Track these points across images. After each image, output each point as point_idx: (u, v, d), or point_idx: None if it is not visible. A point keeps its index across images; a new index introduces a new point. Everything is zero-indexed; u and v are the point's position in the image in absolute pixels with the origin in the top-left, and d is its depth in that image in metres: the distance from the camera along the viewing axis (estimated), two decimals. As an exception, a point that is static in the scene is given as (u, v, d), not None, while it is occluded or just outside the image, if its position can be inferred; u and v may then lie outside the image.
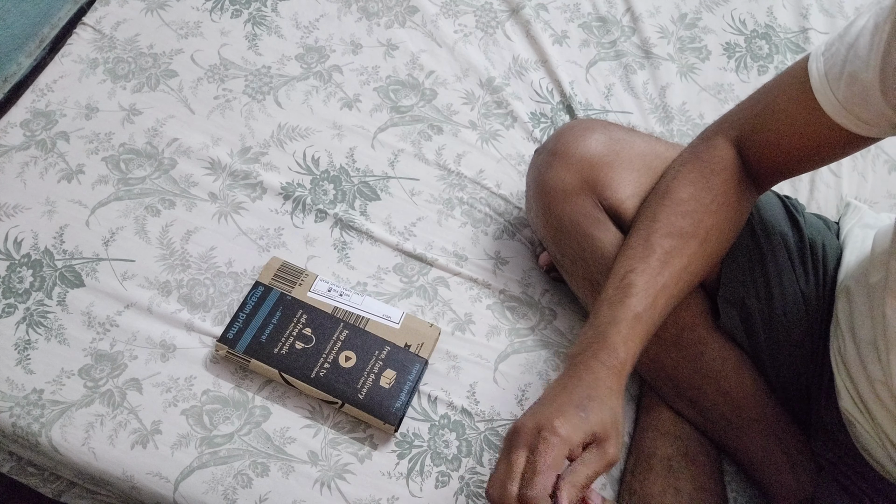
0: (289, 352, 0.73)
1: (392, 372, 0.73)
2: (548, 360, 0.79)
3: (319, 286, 0.78)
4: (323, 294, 0.77)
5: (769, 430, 0.69)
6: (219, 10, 0.97)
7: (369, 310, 0.77)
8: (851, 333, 0.60)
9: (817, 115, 0.54)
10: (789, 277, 0.67)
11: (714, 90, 0.97)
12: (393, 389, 0.72)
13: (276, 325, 0.75)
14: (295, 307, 0.76)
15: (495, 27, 0.99)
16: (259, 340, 0.74)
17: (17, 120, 0.87)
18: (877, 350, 0.56)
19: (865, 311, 0.58)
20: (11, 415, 0.72)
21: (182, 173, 0.85)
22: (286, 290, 0.77)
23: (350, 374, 0.73)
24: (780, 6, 1.03)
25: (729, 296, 0.67)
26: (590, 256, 0.68)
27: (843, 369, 0.61)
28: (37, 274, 0.79)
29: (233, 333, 0.74)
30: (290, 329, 0.75)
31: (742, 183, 0.61)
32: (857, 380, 0.59)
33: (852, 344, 0.59)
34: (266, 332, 0.74)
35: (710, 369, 0.68)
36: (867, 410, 0.58)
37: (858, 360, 0.58)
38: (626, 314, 0.56)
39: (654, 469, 0.69)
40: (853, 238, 0.69)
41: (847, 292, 0.62)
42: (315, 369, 0.73)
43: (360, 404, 0.72)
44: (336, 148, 0.89)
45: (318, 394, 0.72)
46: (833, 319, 0.65)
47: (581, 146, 0.67)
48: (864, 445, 0.60)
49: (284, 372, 0.73)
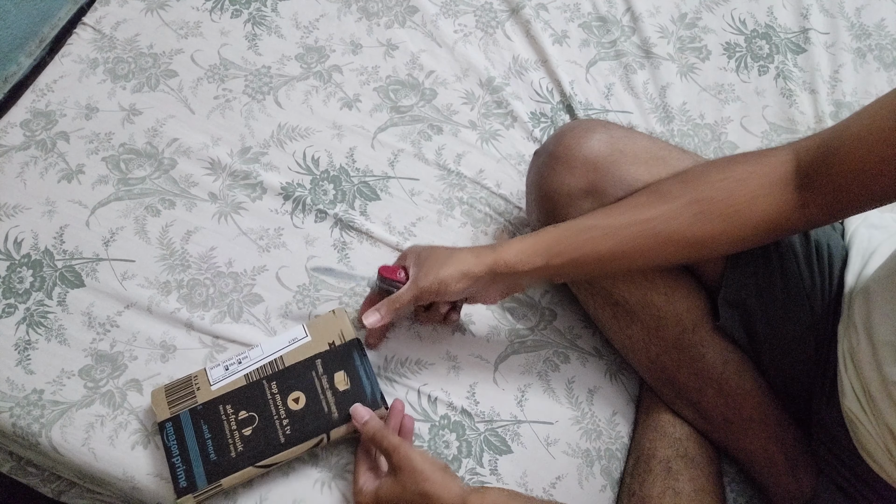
0: (244, 444, 0.67)
1: (341, 373, 0.71)
2: (548, 361, 0.79)
3: (216, 373, 0.71)
4: (225, 377, 0.71)
5: (769, 431, 0.69)
6: (219, 10, 0.97)
7: (275, 349, 0.73)
8: (868, 334, 0.59)
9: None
10: (794, 278, 0.66)
11: (714, 90, 0.97)
12: (354, 385, 0.70)
13: (212, 437, 0.67)
14: (212, 408, 0.69)
15: (495, 27, 0.99)
16: (210, 461, 0.66)
17: (17, 120, 0.87)
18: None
19: (887, 313, 0.58)
20: (11, 415, 0.72)
21: (182, 173, 0.85)
22: (191, 405, 0.69)
23: (311, 409, 0.69)
24: (780, 6, 1.03)
25: (730, 297, 0.67)
26: (591, 259, 0.68)
27: (853, 370, 0.60)
28: (37, 274, 0.79)
29: (184, 479, 0.66)
30: (227, 427, 0.68)
31: (776, 191, 0.57)
32: (868, 381, 0.58)
33: (868, 344, 0.58)
34: (209, 449, 0.67)
35: (711, 371, 0.68)
36: (875, 412, 0.58)
37: (874, 360, 0.57)
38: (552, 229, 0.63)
39: (654, 470, 0.69)
40: (859, 238, 0.68)
41: (866, 293, 0.61)
42: (279, 434, 0.68)
43: (340, 421, 0.69)
44: (336, 148, 0.89)
45: (301, 449, 0.68)
46: (843, 319, 0.64)
47: (584, 148, 0.65)
48: (865, 447, 0.60)
49: (257, 462, 0.67)
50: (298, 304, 0.79)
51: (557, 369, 0.78)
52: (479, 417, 0.75)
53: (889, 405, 0.56)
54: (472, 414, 0.75)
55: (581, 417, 0.77)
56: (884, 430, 0.56)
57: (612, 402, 0.78)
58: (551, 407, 0.77)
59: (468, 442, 0.74)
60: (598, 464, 0.75)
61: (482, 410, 0.76)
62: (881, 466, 0.59)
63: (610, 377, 0.79)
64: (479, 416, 0.75)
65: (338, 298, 0.80)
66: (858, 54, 1.01)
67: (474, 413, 0.75)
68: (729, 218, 0.58)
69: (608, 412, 0.77)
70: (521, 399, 0.77)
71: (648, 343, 0.70)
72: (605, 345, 0.80)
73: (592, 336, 0.81)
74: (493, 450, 0.74)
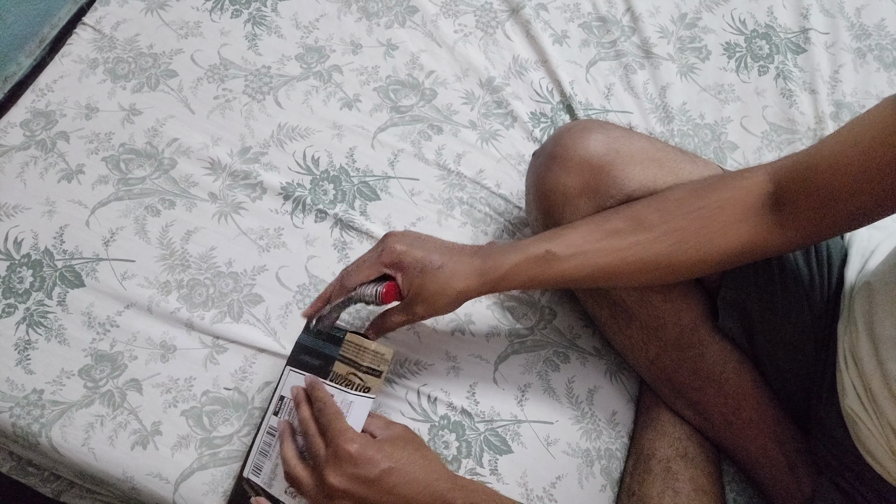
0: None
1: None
2: (548, 360, 0.79)
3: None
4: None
5: (769, 431, 0.69)
6: (219, 10, 0.97)
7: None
8: (869, 331, 0.59)
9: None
10: (793, 278, 0.66)
11: (714, 90, 0.97)
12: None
13: None
14: None
15: (495, 27, 0.99)
16: None
17: (17, 120, 0.87)
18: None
19: (889, 309, 0.58)
20: (11, 415, 0.72)
21: (182, 173, 0.85)
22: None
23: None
24: (780, 6, 1.03)
25: (729, 297, 0.67)
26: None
27: (854, 367, 0.60)
28: (37, 274, 0.79)
29: None
30: None
31: (751, 215, 0.57)
32: (869, 378, 0.58)
33: (869, 341, 0.58)
34: None
35: (711, 371, 0.68)
36: (876, 409, 0.58)
37: (875, 357, 0.57)
38: (537, 249, 0.61)
39: (653, 470, 0.69)
40: (859, 238, 0.69)
41: (868, 290, 0.61)
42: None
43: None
44: (336, 148, 0.89)
45: None
46: (843, 317, 0.64)
47: (580, 148, 0.66)
48: (865, 445, 0.60)
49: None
50: (299, 305, 0.79)
51: (557, 369, 0.78)
52: (479, 417, 0.75)
53: (891, 401, 0.56)
54: (472, 414, 0.75)
55: (581, 417, 0.77)
56: (886, 427, 0.56)
57: (612, 401, 0.78)
58: (551, 407, 0.77)
59: (468, 442, 0.74)
60: (598, 463, 0.75)
61: (482, 410, 0.76)
62: (882, 465, 0.58)
63: (610, 377, 0.79)
64: (479, 415, 0.75)
65: (338, 298, 0.80)
66: (858, 54, 1.01)
67: (474, 413, 0.75)
68: (705, 246, 0.59)
69: (608, 412, 0.77)
70: (521, 399, 0.77)
71: (648, 343, 0.70)
72: (604, 345, 0.80)
73: (592, 336, 0.81)
74: (493, 450, 0.74)
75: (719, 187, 0.59)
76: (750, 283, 0.67)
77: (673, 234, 0.59)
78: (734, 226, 0.58)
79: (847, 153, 0.52)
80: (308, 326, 0.69)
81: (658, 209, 0.60)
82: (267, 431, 0.67)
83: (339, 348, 0.65)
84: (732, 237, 0.58)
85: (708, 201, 0.59)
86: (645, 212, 0.60)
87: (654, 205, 0.61)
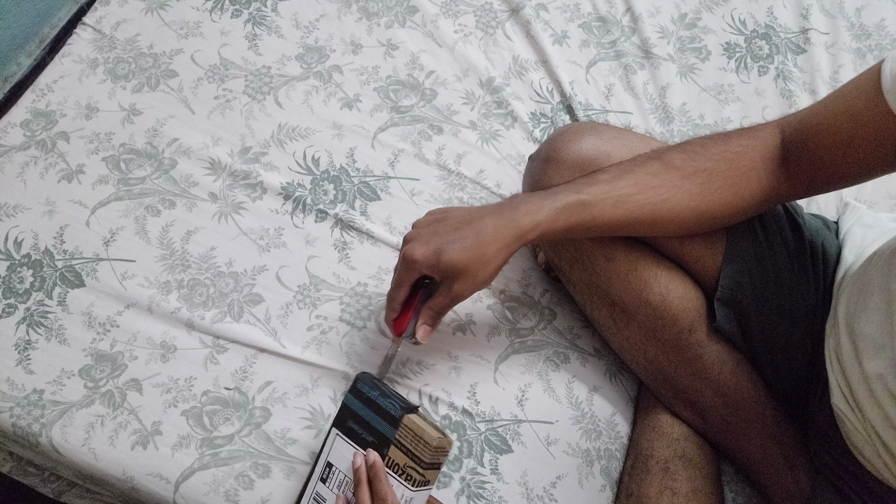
0: None
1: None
2: (548, 360, 0.79)
3: None
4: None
5: (767, 431, 0.69)
6: (219, 10, 0.97)
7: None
8: (849, 329, 0.60)
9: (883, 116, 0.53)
10: (788, 279, 0.67)
11: (714, 90, 0.97)
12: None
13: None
14: None
15: (495, 27, 0.99)
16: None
17: (18, 120, 0.87)
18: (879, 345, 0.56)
19: (866, 305, 0.58)
20: (12, 415, 0.72)
21: (182, 173, 0.85)
22: None
23: None
24: (780, 6, 1.03)
25: (726, 298, 0.67)
26: (586, 259, 0.69)
27: (838, 366, 0.61)
28: (37, 274, 0.79)
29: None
30: None
31: (768, 163, 0.60)
32: (850, 376, 0.59)
33: (849, 340, 0.59)
34: None
35: (709, 371, 0.69)
36: (858, 408, 0.58)
37: (855, 356, 0.58)
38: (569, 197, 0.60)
39: (651, 471, 0.69)
40: (852, 237, 0.69)
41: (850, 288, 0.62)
42: None
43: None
44: (336, 148, 0.89)
45: None
46: (830, 316, 0.65)
47: (573, 151, 0.67)
48: (853, 443, 0.60)
49: None
50: (299, 305, 0.79)
51: (557, 369, 0.78)
52: (480, 417, 0.75)
53: (870, 400, 0.56)
54: (473, 414, 0.75)
55: (581, 417, 0.77)
56: (868, 426, 0.57)
57: (612, 402, 0.78)
58: (551, 406, 0.77)
59: (469, 442, 0.74)
60: (597, 463, 0.75)
61: (483, 410, 0.76)
62: (872, 463, 0.59)
63: (610, 377, 0.79)
64: (480, 415, 0.75)
65: (338, 298, 0.80)
66: (858, 54, 1.01)
67: (475, 413, 0.75)
68: (730, 189, 0.61)
69: (608, 412, 0.77)
70: (521, 399, 0.77)
71: (646, 344, 0.71)
72: (604, 345, 0.80)
73: (592, 336, 0.81)
74: (494, 449, 0.74)
75: (737, 136, 0.62)
76: (746, 283, 0.67)
77: (701, 174, 0.60)
78: (755, 171, 0.61)
79: (840, 117, 0.57)
80: (355, 386, 0.66)
81: (684, 151, 0.62)
82: (314, 497, 0.66)
83: (394, 430, 0.63)
84: (754, 182, 0.61)
85: (730, 146, 0.61)
86: (671, 154, 0.62)
87: (678, 149, 0.63)
